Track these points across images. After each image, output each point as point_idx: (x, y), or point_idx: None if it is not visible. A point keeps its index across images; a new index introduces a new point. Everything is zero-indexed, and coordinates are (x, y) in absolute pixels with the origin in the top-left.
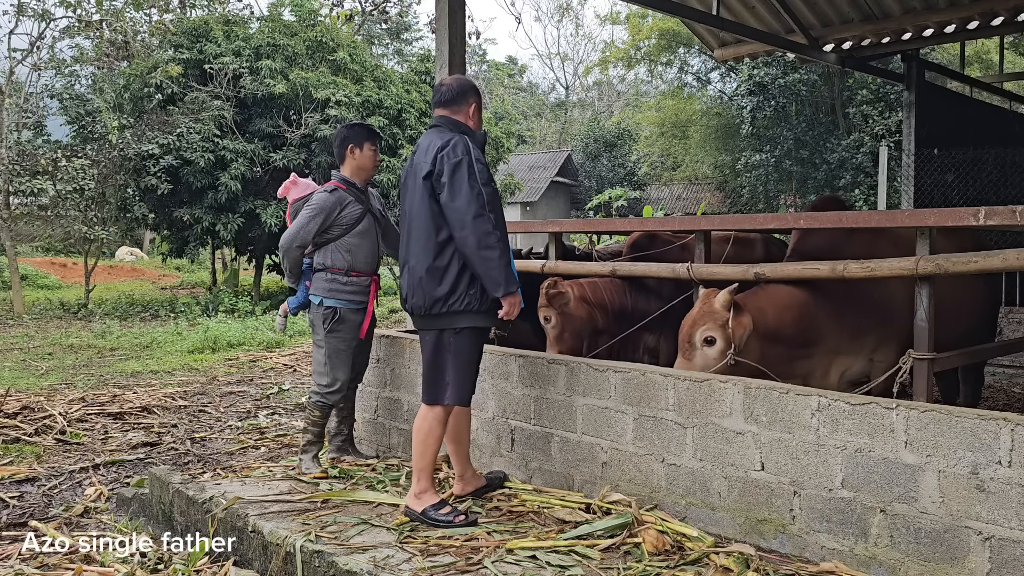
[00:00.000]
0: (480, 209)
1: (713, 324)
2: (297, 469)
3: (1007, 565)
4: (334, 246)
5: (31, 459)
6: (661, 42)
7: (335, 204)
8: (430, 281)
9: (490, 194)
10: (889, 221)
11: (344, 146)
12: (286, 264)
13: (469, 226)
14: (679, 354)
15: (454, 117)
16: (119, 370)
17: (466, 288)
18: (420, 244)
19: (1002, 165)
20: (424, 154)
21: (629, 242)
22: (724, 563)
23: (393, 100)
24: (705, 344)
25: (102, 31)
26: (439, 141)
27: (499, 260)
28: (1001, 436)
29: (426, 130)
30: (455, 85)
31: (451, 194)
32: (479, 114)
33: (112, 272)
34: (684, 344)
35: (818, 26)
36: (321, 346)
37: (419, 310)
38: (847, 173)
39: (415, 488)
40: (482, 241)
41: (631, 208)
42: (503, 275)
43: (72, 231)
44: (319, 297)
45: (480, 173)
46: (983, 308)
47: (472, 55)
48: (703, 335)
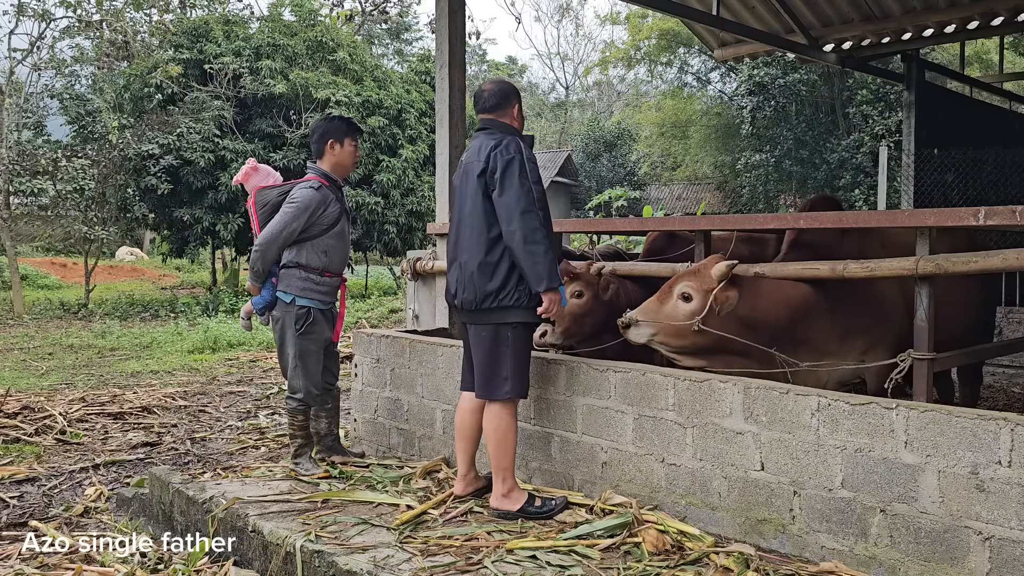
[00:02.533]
0: (529, 205)
1: (698, 285)
2: (294, 473)
3: (1007, 565)
4: (310, 245)
5: (31, 459)
6: (661, 42)
7: (320, 202)
8: (481, 276)
9: (539, 192)
10: (889, 221)
11: (324, 140)
12: (260, 264)
13: (517, 220)
14: (655, 295)
15: (500, 120)
16: (119, 370)
17: (516, 284)
18: (472, 240)
19: (1002, 165)
20: (476, 154)
21: (648, 242)
22: (724, 563)
23: (393, 100)
24: (681, 298)
25: (102, 31)
26: (491, 141)
27: (544, 256)
28: (1001, 436)
29: (475, 133)
30: (496, 90)
31: (501, 189)
32: (521, 114)
33: (112, 272)
34: (664, 289)
35: (818, 26)
36: (290, 348)
37: (469, 304)
38: (847, 173)
39: (502, 489)
40: (529, 236)
41: (631, 208)
42: (547, 271)
43: (72, 231)
44: (291, 296)
45: (531, 172)
46: (978, 306)
47: (472, 55)
48: (683, 289)
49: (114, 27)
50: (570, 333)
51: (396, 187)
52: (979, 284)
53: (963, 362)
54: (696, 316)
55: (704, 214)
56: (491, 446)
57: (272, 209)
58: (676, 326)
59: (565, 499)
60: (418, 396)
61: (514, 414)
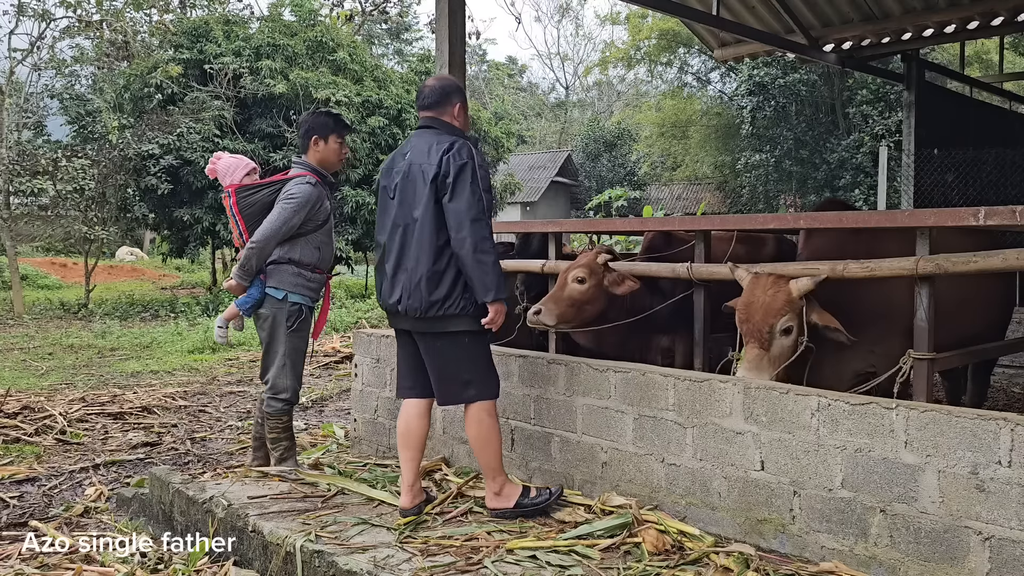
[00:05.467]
0: (480, 213)
1: (792, 313)
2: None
3: (1007, 565)
4: (304, 241)
5: (31, 459)
6: (661, 42)
7: (317, 198)
8: (429, 285)
9: (488, 200)
10: (889, 221)
11: (308, 136)
12: (256, 260)
13: (467, 228)
14: (752, 345)
15: (441, 118)
16: (119, 370)
17: (461, 292)
18: (422, 247)
19: (1002, 165)
20: (426, 156)
21: (646, 242)
22: (724, 563)
23: (393, 100)
24: (783, 334)
25: (102, 31)
26: (442, 143)
27: (493, 266)
28: (1001, 436)
29: (416, 131)
30: (437, 87)
31: (452, 194)
32: (464, 114)
33: (112, 272)
34: (761, 334)
35: (818, 26)
36: (280, 346)
37: (414, 312)
38: (847, 173)
39: (494, 487)
40: (479, 245)
41: (631, 208)
42: (494, 281)
43: (72, 231)
44: (283, 292)
45: (483, 179)
46: (999, 308)
47: (472, 55)
48: (784, 324)
49: (114, 27)
50: (565, 318)
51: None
52: (1002, 284)
53: (963, 362)
54: (801, 339)
55: (704, 214)
56: (477, 449)
57: (262, 208)
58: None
59: (561, 487)
60: None
61: (493, 414)
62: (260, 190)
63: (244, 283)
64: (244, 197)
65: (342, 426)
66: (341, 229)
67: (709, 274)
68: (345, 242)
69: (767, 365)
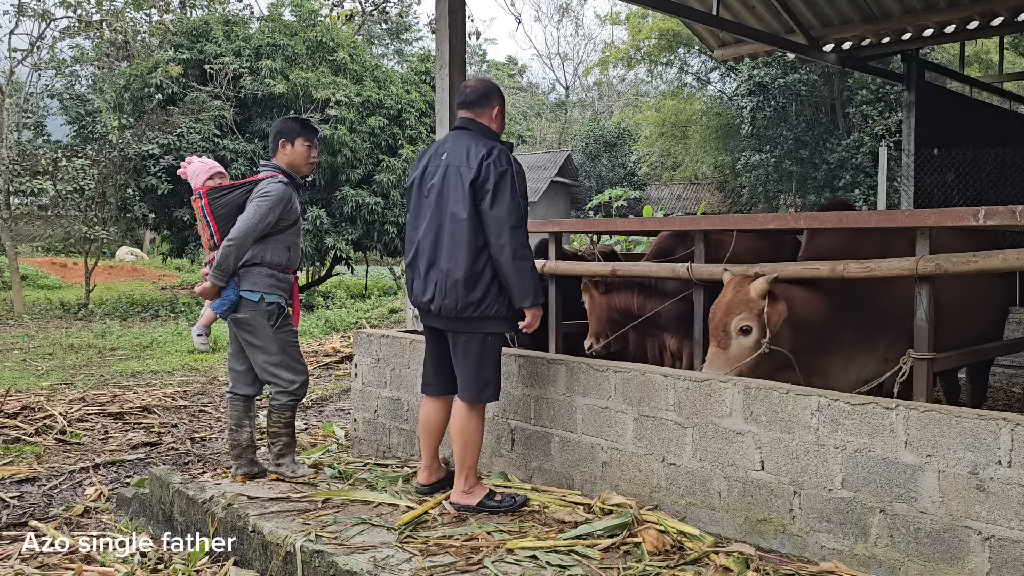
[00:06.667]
0: (519, 220)
1: (749, 313)
2: (275, 476)
3: (1007, 565)
4: (274, 241)
5: (31, 459)
6: (661, 42)
7: (289, 197)
8: (467, 286)
9: (525, 207)
10: (889, 221)
11: (276, 139)
12: (234, 259)
13: (507, 235)
14: (712, 343)
15: (478, 119)
16: (119, 370)
17: (496, 295)
18: (459, 248)
19: (1002, 165)
20: (463, 159)
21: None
22: (724, 563)
23: (393, 100)
24: (741, 333)
25: (102, 31)
26: (480, 147)
27: (531, 272)
28: (1001, 436)
29: (453, 131)
30: (479, 87)
31: (493, 201)
32: (502, 116)
33: (112, 272)
34: (718, 333)
35: (818, 26)
36: (272, 345)
37: (449, 312)
38: (847, 173)
39: (464, 486)
40: (518, 252)
41: (631, 208)
42: (533, 287)
43: (72, 231)
44: (259, 294)
45: (520, 186)
46: (1000, 308)
47: (472, 55)
48: (739, 324)
49: (114, 27)
50: None
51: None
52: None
53: (963, 362)
54: (762, 341)
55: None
56: (457, 446)
57: (235, 209)
58: (749, 362)
59: (525, 497)
60: (418, 396)
61: (483, 416)
62: (232, 191)
63: (220, 283)
64: (216, 198)
65: (342, 426)
66: (341, 229)
67: (709, 274)
68: (345, 242)
69: (723, 364)
